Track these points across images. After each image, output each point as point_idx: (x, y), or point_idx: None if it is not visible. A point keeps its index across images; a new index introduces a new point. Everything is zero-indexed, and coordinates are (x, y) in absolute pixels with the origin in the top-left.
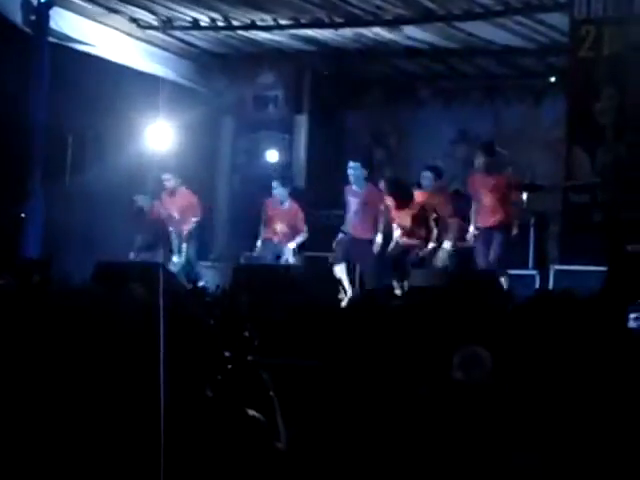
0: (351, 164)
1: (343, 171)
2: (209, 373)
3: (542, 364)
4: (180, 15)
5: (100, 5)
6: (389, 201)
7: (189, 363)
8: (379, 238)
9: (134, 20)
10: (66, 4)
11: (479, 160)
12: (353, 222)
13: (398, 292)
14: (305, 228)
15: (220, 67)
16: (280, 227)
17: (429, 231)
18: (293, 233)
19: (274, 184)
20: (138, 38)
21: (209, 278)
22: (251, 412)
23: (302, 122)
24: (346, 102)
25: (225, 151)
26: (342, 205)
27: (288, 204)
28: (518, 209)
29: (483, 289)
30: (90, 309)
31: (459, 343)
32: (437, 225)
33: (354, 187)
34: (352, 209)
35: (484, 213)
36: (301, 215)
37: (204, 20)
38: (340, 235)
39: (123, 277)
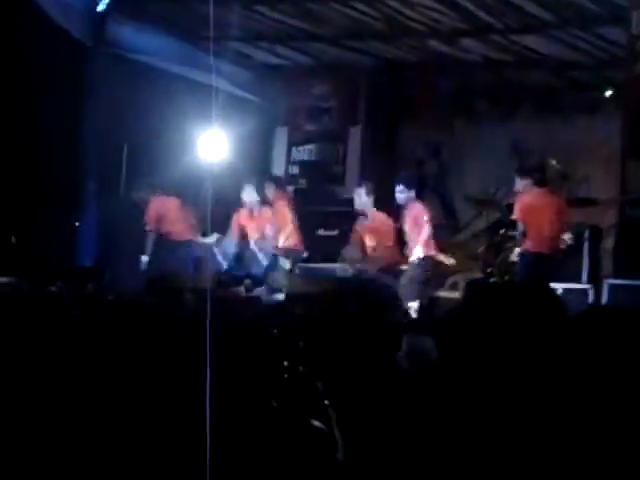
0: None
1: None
2: (272, 383)
3: (594, 381)
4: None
5: (156, 14)
6: None
7: (254, 373)
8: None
9: (190, 30)
10: (122, 13)
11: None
12: None
13: None
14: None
15: (275, 78)
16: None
17: None
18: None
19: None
20: (193, 47)
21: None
22: (315, 422)
23: (356, 134)
24: (401, 114)
25: (279, 162)
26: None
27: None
28: None
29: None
30: (143, 318)
31: (509, 358)
32: None
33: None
34: None
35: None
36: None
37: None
38: None
39: (176, 287)
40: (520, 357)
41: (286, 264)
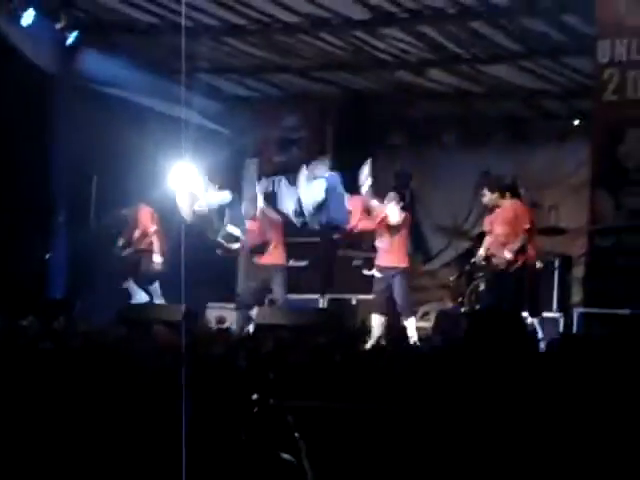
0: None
1: None
2: (241, 416)
3: (568, 409)
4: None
5: (125, 47)
6: None
7: (223, 406)
8: None
9: (159, 62)
10: (91, 46)
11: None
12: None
13: None
14: None
15: (244, 109)
16: None
17: None
18: None
19: None
20: (163, 79)
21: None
22: (285, 455)
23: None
24: (369, 145)
25: (249, 193)
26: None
27: None
28: None
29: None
30: (113, 350)
31: (483, 389)
32: None
33: None
34: None
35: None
36: None
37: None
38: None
39: (147, 319)
40: (493, 389)
41: None
